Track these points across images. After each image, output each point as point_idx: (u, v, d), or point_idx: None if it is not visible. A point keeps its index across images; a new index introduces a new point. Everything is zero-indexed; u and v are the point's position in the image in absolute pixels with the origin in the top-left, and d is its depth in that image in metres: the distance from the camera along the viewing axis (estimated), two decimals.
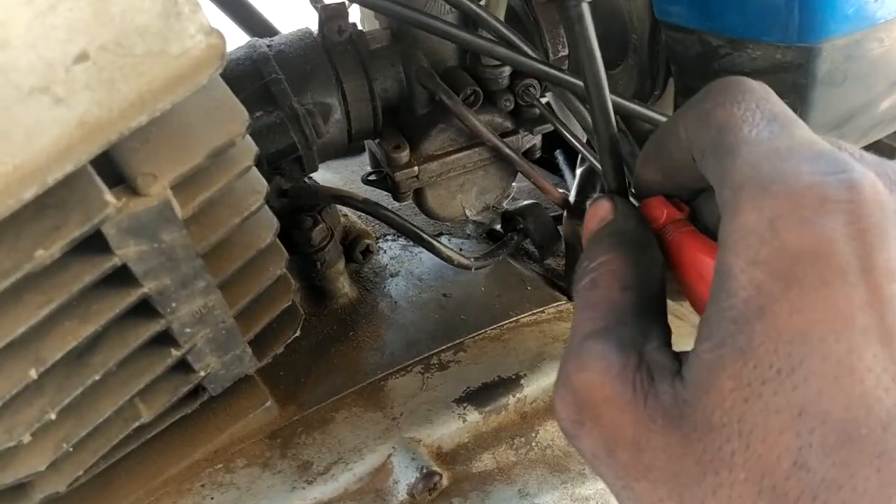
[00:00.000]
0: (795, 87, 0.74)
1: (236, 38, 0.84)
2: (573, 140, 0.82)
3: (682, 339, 0.37)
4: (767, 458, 0.28)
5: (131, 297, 0.56)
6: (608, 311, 0.37)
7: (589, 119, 0.80)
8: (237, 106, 0.58)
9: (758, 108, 0.34)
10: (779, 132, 0.33)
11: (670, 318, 0.38)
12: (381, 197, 0.91)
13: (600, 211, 0.43)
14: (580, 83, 0.75)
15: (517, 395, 0.77)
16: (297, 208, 0.82)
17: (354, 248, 0.89)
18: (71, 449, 0.59)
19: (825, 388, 0.28)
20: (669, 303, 0.39)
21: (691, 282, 0.39)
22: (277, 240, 0.66)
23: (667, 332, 0.37)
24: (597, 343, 0.35)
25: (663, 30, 0.84)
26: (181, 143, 0.55)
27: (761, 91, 0.35)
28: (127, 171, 0.53)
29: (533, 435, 0.77)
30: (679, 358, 0.34)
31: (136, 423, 0.63)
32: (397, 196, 0.87)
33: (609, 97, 0.53)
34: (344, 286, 0.87)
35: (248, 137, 0.61)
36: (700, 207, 0.42)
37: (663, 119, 0.77)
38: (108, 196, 0.51)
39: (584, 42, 0.52)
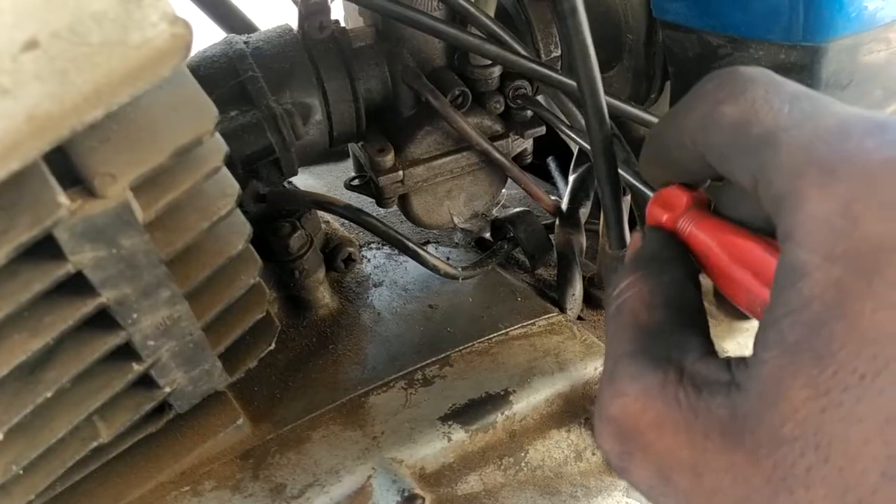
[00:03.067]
0: None
1: (213, 36, 0.80)
2: (571, 135, 0.78)
3: (718, 341, 0.33)
4: (851, 472, 0.25)
5: (87, 308, 0.52)
6: (638, 333, 0.34)
7: (582, 121, 0.77)
8: (205, 102, 0.54)
9: (769, 92, 0.31)
10: (811, 109, 0.29)
11: None
12: (364, 203, 0.87)
13: (631, 245, 0.42)
14: (573, 83, 0.71)
15: (506, 413, 0.73)
16: (275, 214, 0.78)
17: (336, 257, 0.85)
18: (21, 472, 0.54)
19: None
20: None
21: (728, 270, 0.35)
22: (251, 246, 0.62)
23: (708, 342, 0.33)
24: (629, 364, 0.32)
25: (661, 29, 0.80)
26: (143, 142, 0.51)
27: (763, 75, 0.32)
28: (84, 172, 0.49)
29: (522, 455, 0.73)
30: (729, 366, 0.30)
31: (95, 444, 0.58)
32: (381, 202, 0.83)
33: (603, 96, 0.49)
34: (324, 296, 0.82)
35: (218, 136, 0.57)
36: (722, 200, 0.38)
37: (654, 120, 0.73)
38: (62, 197, 0.47)
39: (577, 37, 0.49)
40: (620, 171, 0.72)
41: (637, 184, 0.64)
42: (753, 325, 0.32)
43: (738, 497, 0.28)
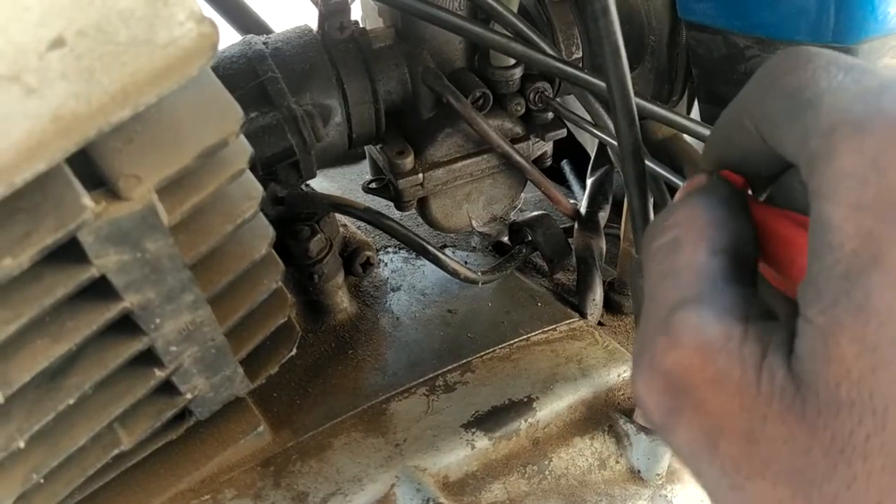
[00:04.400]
0: None
1: (228, 38, 0.79)
2: (598, 134, 0.77)
3: None
4: None
5: (111, 313, 0.51)
6: (698, 277, 0.31)
7: (609, 122, 0.75)
8: (231, 102, 0.53)
9: (830, 63, 0.30)
10: (861, 75, 0.29)
11: None
12: (382, 206, 0.86)
13: (691, 183, 0.37)
14: (601, 83, 0.70)
15: (529, 420, 0.72)
16: (294, 217, 0.77)
17: (354, 261, 0.83)
18: (42, 480, 0.53)
19: None
20: None
21: (776, 255, 0.34)
22: (273, 251, 0.60)
23: (767, 303, 0.31)
24: (690, 313, 0.29)
25: (686, 30, 0.79)
26: (168, 143, 0.49)
27: (829, 53, 0.31)
28: (108, 173, 0.47)
29: (546, 463, 0.72)
30: (789, 327, 0.28)
31: (116, 451, 0.57)
32: (400, 205, 0.81)
33: (634, 97, 0.48)
34: (343, 301, 0.81)
35: (243, 137, 0.56)
36: (775, 195, 0.37)
37: (685, 122, 0.72)
38: (86, 199, 0.45)
39: (608, 38, 0.48)
40: (650, 164, 0.70)
41: (663, 172, 0.63)
42: None
43: (794, 469, 0.26)
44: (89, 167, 0.47)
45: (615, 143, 0.77)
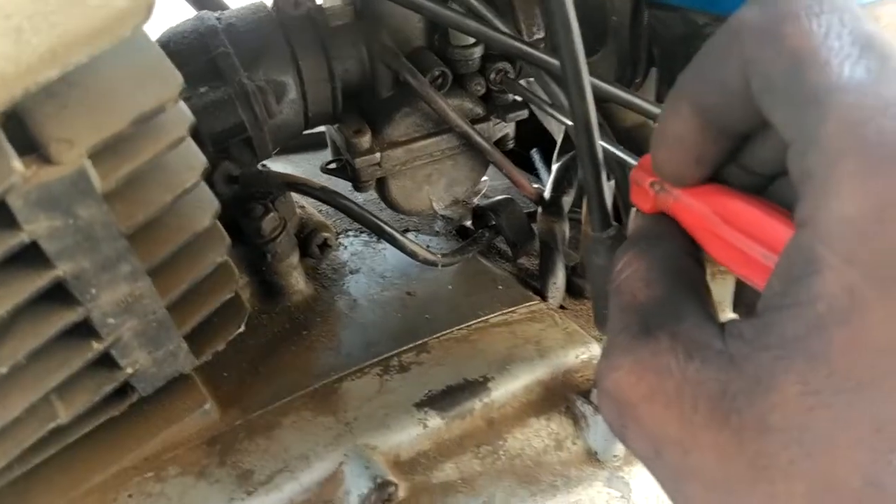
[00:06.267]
0: None
1: (186, 16, 0.78)
2: (554, 114, 0.76)
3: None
4: (834, 474, 0.25)
5: (42, 280, 0.50)
6: (636, 308, 0.33)
7: (566, 101, 0.75)
8: (169, 69, 0.52)
9: (843, 25, 0.27)
10: (878, 70, 0.26)
11: None
12: (342, 188, 0.85)
13: (632, 222, 0.41)
14: (556, 62, 0.70)
15: (484, 400, 0.71)
16: (248, 197, 0.76)
17: (311, 242, 0.82)
18: None
19: None
20: None
21: (721, 233, 0.34)
22: (218, 223, 0.60)
23: (706, 309, 0.32)
24: (623, 337, 0.32)
25: (646, 9, 0.79)
26: (103, 108, 0.49)
27: (843, 4, 0.28)
28: (40, 138, 0.47)
29: (500, 443, 0.71)
30: (723, 333, 0.29)
31: (53, 424, 0.56)
32: (358, 185, 0.80)
33: (586, 71, 0.47)
34: (298, 282, 0.80)
35: (182, 105, 0.55)
36: (745, 157, 0.35)
37: (647, 105, 0.71)
38: (16, 162, 0.45)
39: (559, 10, 0.47)
40: (604, 144, 0.70)
41: (622, 155, 0.62)
42: None
43: (721, 478, 0.28)
44: (24, 134, 0.46)
45: (569, 121, 0.77)
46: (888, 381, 0.24)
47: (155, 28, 0.61)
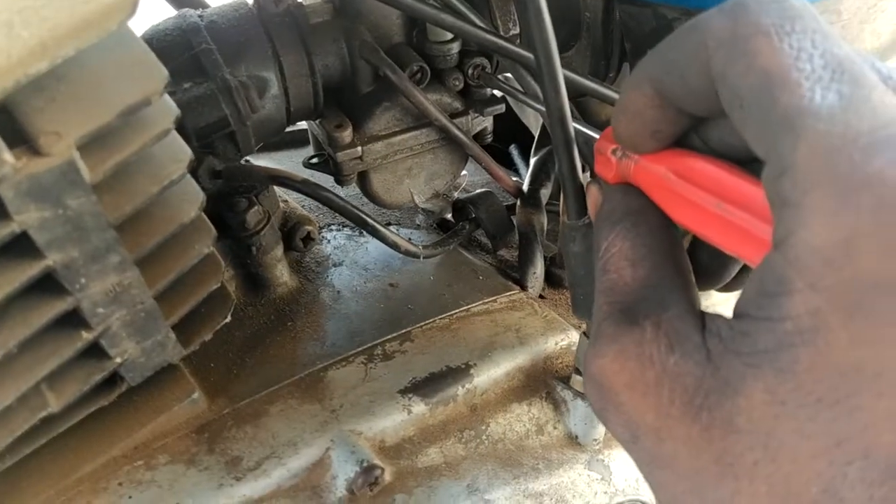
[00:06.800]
0: None
1: (166, 15, 0.79)
2: (530, 103, 0.78)
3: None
4: (795, 480, 0.27)
5: (33, 270, 0.51)
6: (621, 291, 0.35)
7: (542, 95, 0.77)
8: (154, 63, 0.53)
9: (815, 47, 0.28)
10: (850, 96, 0.27)
11: None
12: (325, 182, 0.86)
13: (591, 197, 0.43)
14: (530, 55, 0.71)
15: (466, 386, 0.73)
16: (232, 191, 0.77)
17: (294, 235, 0.84)
18: None
19: (874, 424, 0.25)
20: None
21: (684, 193, 0.35)
22: (203, 215, 0.61)
23: (690, 296, 0.34)
24: (609, 325, 0.34)
25: (617, 5, 0.81)
26: (90, 101, 0.50)
27: (813, 20, 0.29)
28: (30, 131, 0.48)
29: (483, 428, 0.73)
30: (704, 326, 0.31)
31: (44, 413, 0.57)
32: (340, 179, 0.82)
33: (559, 62, 0.49)
34: (282, 274, 0.81)
35: (167, 98, 0.56)
36: (705, 132, 0.36)
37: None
38: (6, 154, 0.46)
39: (531, 4, 0.49)
40: (576, 125, 0.71)
41: (590, 133, 0.64)
42: None
43: (691, 470, 0.30)
44: (13, 126, 0.47)
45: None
46: (850, 401, 0.25)
47: (137, 26, 0.62)
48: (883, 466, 0.25)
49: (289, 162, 1.09)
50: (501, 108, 0.87)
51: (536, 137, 1.05)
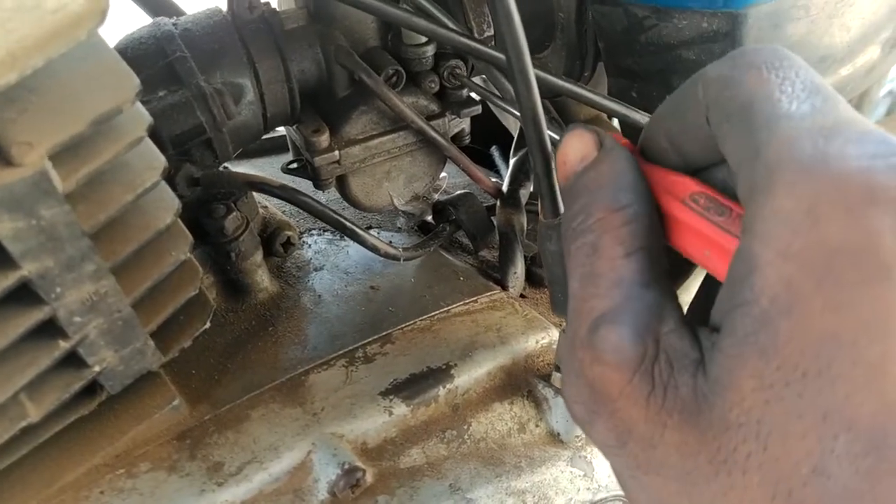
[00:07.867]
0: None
1: (141, 23, 0.79)
2: (505, 107, 0.79)
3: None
4: (785, 463, 0.27)
5: (8, 281, 0.51)
6: (615, 286, 0.34)
7: (514, 95, 0.77)
8: (126, 71, 0.53)
9: (797, 76, 0.31)
10: (821, 106, 0.30)
11: None
12: (304, 188, 0.87)
13: (581, 143, 0.39)
14: (503, 57, 0.72)
15: (447, 386, 0.73)
16: (211, 198, 0.77)
17: (274, 241, 0.84)
18: None
19: (854, 392, 0.26)
20: None
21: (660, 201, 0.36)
22: (180, 221, 0.61)
23: (678, 306, 0.34)
24: (610, 331, 0.33)
25: (590, 5, 0.81)
26: (62, 111, 0.50)
27: (799, 61, 0.32)
28: (2, 142, 0.48)
29: (465, 428, 0.73)
30: (699, 341, 0.32)
31: (24, 423, 0.57)
32: (318, 183, 0.82)
33: (529, 61, 0.49)
34: (263, 280, 0.82)
35: (140, 106, 0.56)
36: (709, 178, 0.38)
37: (595, 97, 0.73)
38: None
39: (500, 5, 0.49)
40: (550, 133, 0.72)
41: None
42: None
43: (683, 471, 0.30)
44: None
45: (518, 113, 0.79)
46: (832, 368, 0.26)
47: (112, 35, 0.62)
48: (865, 438, 0.25)
49: (269, 168, 1.09)
50: (478, 109, 0.88)
51: (515, 138, 1.06)
